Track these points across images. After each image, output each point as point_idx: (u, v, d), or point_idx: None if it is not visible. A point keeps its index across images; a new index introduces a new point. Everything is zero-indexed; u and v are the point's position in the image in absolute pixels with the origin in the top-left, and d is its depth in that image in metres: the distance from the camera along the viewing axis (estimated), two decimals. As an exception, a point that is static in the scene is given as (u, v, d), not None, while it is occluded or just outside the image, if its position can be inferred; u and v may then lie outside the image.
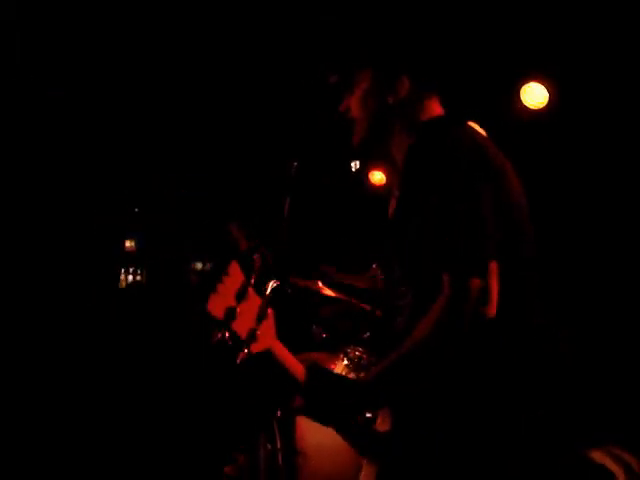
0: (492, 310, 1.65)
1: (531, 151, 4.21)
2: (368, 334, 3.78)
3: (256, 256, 1.88)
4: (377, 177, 5.61)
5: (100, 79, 4.83)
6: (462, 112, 2.01)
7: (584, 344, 3.77)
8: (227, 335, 1.77)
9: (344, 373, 3.70)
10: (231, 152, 5.51)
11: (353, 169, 4.82)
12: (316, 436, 3.27)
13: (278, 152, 4.94)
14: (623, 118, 4.11)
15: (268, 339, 1.83)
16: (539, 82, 4.25)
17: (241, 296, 1.78)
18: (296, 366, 1.84)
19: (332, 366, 3.71)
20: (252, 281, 1.82)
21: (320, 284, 3.80)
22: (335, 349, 3.89)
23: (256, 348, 1.80)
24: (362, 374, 3.60)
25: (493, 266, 1.67)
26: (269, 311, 1.83)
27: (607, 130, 4.18)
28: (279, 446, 3.63)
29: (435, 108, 2.00)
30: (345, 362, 3.68)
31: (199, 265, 7.83)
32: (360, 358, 3.68)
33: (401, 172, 1.92)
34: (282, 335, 1.95)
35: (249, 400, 4.11)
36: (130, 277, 7.58)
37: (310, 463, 3.43)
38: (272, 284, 1.87)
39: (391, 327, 1.96)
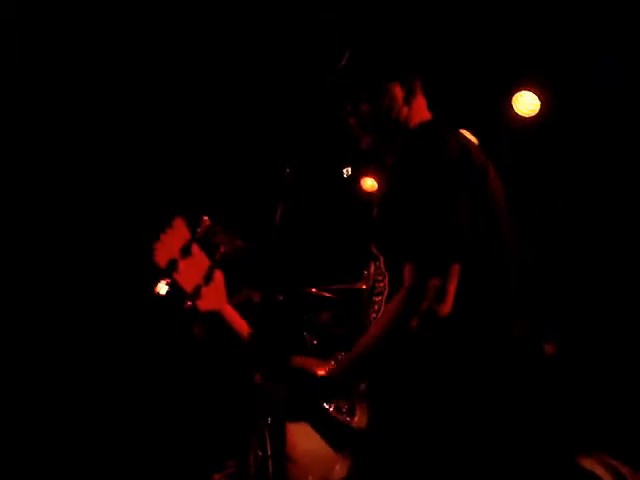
0: (446, 309, 1.70)
1: (523, 158, 4.23)
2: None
3: (203, 221, 1.94)
4: (369, 183, 5.61)
5: (96, 77, 4.81)
6: (451, 117, 2.03)
7: (575, 352, 3.78)
8: (168, 284, 1.85)
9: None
10: (224, 156, 5.50)
11: (345, 175, 4.82)
12: (307, 443, 3.27)
13: (271, 158, 4.93)
14: (614, 125, 4.13)
15: (216, 300, 1.92)
16: (531, 90, 4.27)
17: (185, 252, 1.85)
18: (244, 328, 1.95)
19: (322, 372, 3.71)
20: (197, 237, 1.90)
21: (314, 290, 3.81)
22: (326, 355, 3.88)
23: (203, 306, 1.88)
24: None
25: (455, 268, 1.72)
26: (218, 274, 1.90)
27: (598, 138, 4.20)
28: (269, 453, 3.62)
29: (424, 112, 2.03)
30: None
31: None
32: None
33: (387, 174, 1.95)
34: (274, 340, 1.96)
35: (240, 407, 4.10)
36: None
37: (300, 470, 3.42)
38: (221, 251, 1.93)
39: (367, 323, 1.99)
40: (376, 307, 1.92)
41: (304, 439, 1.89)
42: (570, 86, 4.16)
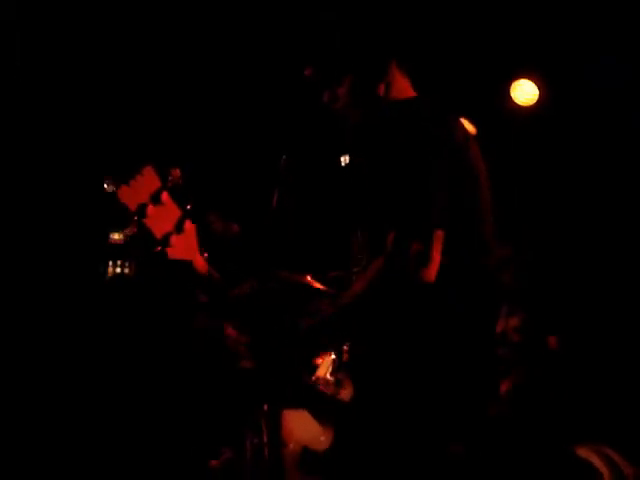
0: (431, 275, 1.70)
1: (521, 147, 4.22)
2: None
3: (174, 171, 1.94)
4: (366, 172, 5.59)
5: (92, 71, 4.81)
6: (448, 105, 2.02)
7: (575, 344, 3.79)
8: (135, 228, 1.87)
9: (331, 368, 3.71)
10: (220, 145, 5.48)
11: (342, 164, 4.81)
12: (303, 430, 3.27)
13: (267, 145, 4.92)
14: (612, 114, 4.12)
15: (187, 250, 1.93)
16: (529, 79, 4.26)
17: (155, 199, 1.86)
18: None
19: (319, 360, 3.71)
20: (167, 186, 1.92)
21: (309, 278, 3.79)
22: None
23: (173, 254, 1.89)
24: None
25: (439, 234, 1.73)
26: (189, 224, 1.92)
27: (597, 127, 4.19)
28: (265, 440, 3.63)
29: (406, 89, 2.04)
30: (333, 357, 3.69)
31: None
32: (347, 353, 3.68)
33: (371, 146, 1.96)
34: (268, 330, 1.96)
35: (235, 394, 4.10)
36: (118, 269, 7.54)
37: (296, 457, 3.43)
38: (190, 204, 1.94)
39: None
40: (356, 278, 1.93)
41: (301, 426, 1.88)
42: (569, 77, 4.15)
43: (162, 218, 1.88)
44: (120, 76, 4.86)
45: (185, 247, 1.93)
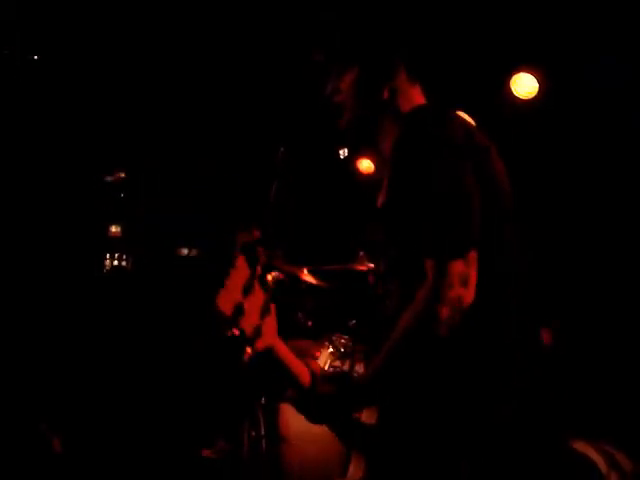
0: (470, 297, 1.65)
1: (521, 141, 4.21)
2: (354, 322, 3.79)
3: (260, 249, 1.80)
4: (365, 165, 5.59)
5: (89, 65, 4.80)
6: (447, 100, 2.00)
7: (575, 341, 3.79)
8: (236, 333, 1.68)
9: (329, 361, 3.71)
10: (219, 137, 5.47)
11: (341, 156, 4.80)
12: (300, 423, 3.27)
13: (266, 137, 4.91)
14: (612, 108, 4.12)
15: (270, 336, 1.76)
16: (529, 72, 4.25)
17: (248, 290, 1.70)
18: (299, 367, 1.80)
19: (317, 353, 3.72)
20: (257, 274, 1.72)
21: (305, 271, 3.79)
22: (320, 337, 3.89)
23: (260, 345, 1.72)
24: (347, 362, 3.61)
25: (473, 254, 1.67)
26: (272, 306, 1.76)
27: (597, 119, 4.18)
28: (263, 433, 3.64)
29: (418, 98, 2.01)
30: (330, 350, 3.69)
31: (184, 251, 7.79)
32: (345, 346, 3.69)
33: (389, 161, 1.91)
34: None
35: (234, 387, 4.10)
36: (115, 262, 7.53)
37: (293, 450, 3.44)
38: (274, 276, 1.80)
39: (379, 311, 1.96)
40: (391, 295, 1.87)
41: (298, 419, 1.85)
42: (570, 70, 4.14)
43: (252, 311, 1.70)
44: (115, 68, 4.85)
45: (269, 333, 1.75)
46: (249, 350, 1.70)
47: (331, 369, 3.58)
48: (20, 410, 4.18)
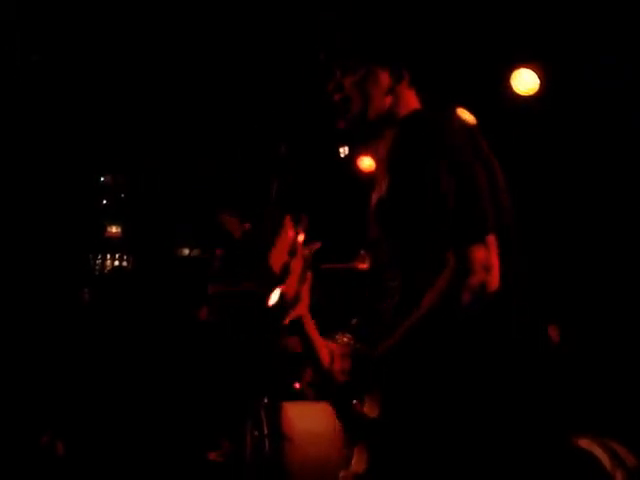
0: (495, 283, 1.63)
1: (522, 137, 4.20)
2: (356, 321, 3.78)
3: (303, 220, 1.81)
4: (366, 163, 5.58)
5: (89, 66, 4.81)
6: (447, 99, 2.00)
7: (579, 339, 3.78)
8: (279, 296, 1.71)
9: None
10: (219, 136, 5.47)
11: (342, 155, 4.80)
12: (302, 422, 3.27)
13: (266, 135, 4.90)
14: (613, 104, 4.11)
15: (304, 306, 1.77)
16: (529, 68, 4.24)
17: (293, 252, 1.73)
18: (322, 345, 1.83)
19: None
20: (300, 239, 1.76)
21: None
22: (323, 335, 3.88)
23: (296, 312, 1.74)
24: (349, 362, 3.60)
25: (491, 239, 1.66)
26: (308, 275, 1.76)
27: (597, 116, 4.18)
28: (266, 432, 3.63)
29: (413, 102, 2.00)
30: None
31: (185, 251, 7.79)
32: (348, 345, 3.68)
33: (384, 163, 1.91)
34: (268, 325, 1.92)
35: (236, 387, 4.10)
36: (116, 262, 7.54)
37: (296, 449, 3.43)
38: (315, 246, 1.81)
39: (378, 309, 1.95)
40: (391, 293, 1.85)
41: (301, 418, 1.85)
42: (570, 66, 4.13)
43: (294, 274, 1.73)
44: (115, 69, 4.85)
45: (304, 302, 1.77)
46: (291, 315, 1.72)
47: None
48: (23, 413, 4.18)
